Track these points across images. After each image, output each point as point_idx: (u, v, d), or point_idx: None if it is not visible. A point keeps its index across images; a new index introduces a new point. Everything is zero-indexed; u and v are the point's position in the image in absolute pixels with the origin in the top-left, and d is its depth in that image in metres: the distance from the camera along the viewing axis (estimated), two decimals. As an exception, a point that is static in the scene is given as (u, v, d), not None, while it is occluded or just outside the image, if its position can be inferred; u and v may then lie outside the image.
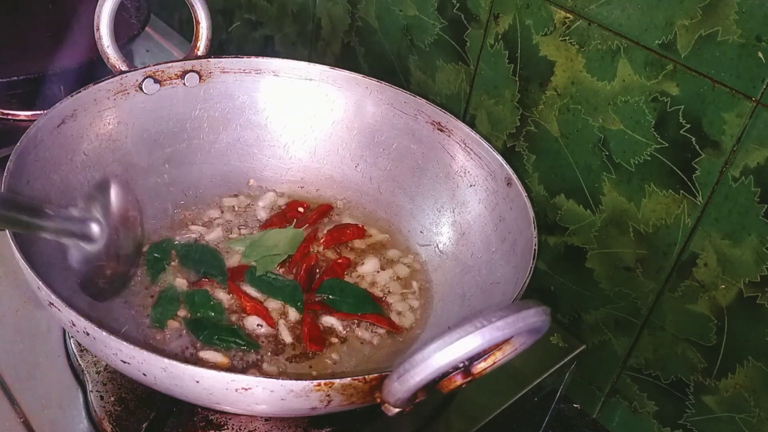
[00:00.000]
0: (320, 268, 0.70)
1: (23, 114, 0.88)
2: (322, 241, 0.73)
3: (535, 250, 0.59)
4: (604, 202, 0.67)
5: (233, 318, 0.64)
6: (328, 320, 0.65)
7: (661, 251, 0.64)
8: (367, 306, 0.66)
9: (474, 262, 0.68)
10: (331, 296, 0.66)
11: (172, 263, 0.68)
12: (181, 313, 0.63)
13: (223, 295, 0.65)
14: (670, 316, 0.65)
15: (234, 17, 1.09)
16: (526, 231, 0.62)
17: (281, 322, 0.64)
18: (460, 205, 0.71)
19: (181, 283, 0.66)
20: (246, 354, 0.61)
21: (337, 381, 0.45)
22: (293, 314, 0.65)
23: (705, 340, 0.63)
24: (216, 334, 0.61)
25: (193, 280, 0.66)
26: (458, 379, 0.47)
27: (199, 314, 0.63)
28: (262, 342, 0.62)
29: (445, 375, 0.46)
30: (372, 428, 0.59)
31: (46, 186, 0.62)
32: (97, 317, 0.48)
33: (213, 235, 0.72)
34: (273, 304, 0.65)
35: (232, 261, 0.69)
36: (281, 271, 0.69)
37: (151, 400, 0.57)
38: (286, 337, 0.63)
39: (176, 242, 0.70)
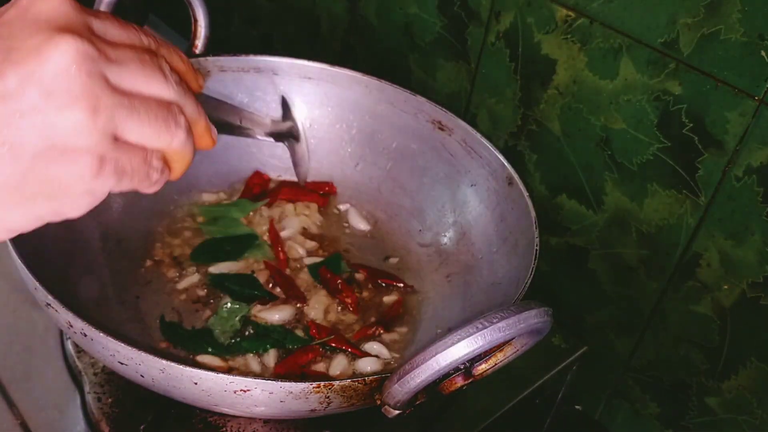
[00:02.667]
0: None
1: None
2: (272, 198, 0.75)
3: (536, 250, 0.58)
4: (606, 202, 0.67)
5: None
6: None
7: (664, 251, 0.63)
8: None
9: (475, 263, 0.68)
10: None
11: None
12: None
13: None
14: (672, 317, 0.65)
15: (233, 15, 1.09)
16: (527, 231, 0.61)
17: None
18: (461, 205, 0.71)
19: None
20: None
21: (336, 383, 0.45)
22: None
23: (708, 341, 0.63)
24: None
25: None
26: (459, 381, 0.46)
27: None
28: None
29: (445, 376, 0.46)
30: (372, 431, 0.58)
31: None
32: (95, 318, 0.48)
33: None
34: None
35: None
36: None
37: (149, 401, 0.56)
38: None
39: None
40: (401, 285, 0.69)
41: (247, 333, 0.62)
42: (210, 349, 0.60)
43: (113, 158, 0.34)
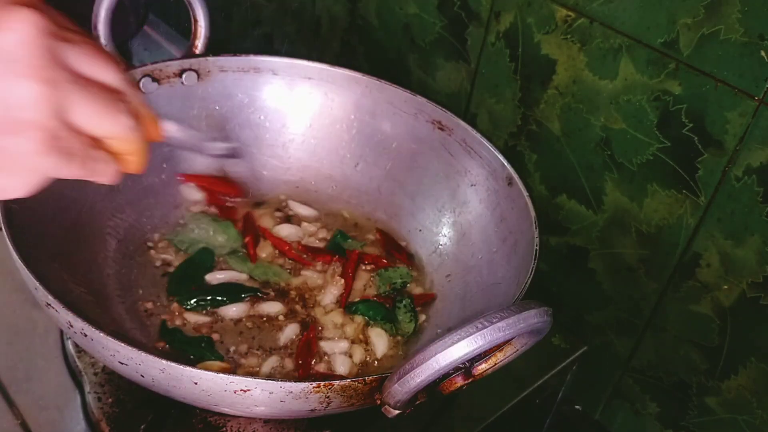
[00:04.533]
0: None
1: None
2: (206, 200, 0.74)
3: (536, 250, 0.59)
4: (606, 202, 0.67)
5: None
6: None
7: (664, 251, 0.63)
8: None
9: (475, 263, 0.68)
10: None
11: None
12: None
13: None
14: (672, 316, 0.65)
15: (233, 15, 1.09)
16: (527, 231, 0.62)
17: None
18: (461, 205, 0.71)
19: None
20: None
21: (336, 382, 0.45)
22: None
23: (707, 341, 0.63)
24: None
25: None
26: (459, 381, 0.46)
27: None
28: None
29: (446, 376, 0.46)
30: (372, 430, 0.58)
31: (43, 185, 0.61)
32: (95, 318, 0.48)
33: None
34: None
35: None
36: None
37: (149, 401, 0.56)
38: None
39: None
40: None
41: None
42: (212, 357, 0.59)
43: (62, 137, 0.34)
